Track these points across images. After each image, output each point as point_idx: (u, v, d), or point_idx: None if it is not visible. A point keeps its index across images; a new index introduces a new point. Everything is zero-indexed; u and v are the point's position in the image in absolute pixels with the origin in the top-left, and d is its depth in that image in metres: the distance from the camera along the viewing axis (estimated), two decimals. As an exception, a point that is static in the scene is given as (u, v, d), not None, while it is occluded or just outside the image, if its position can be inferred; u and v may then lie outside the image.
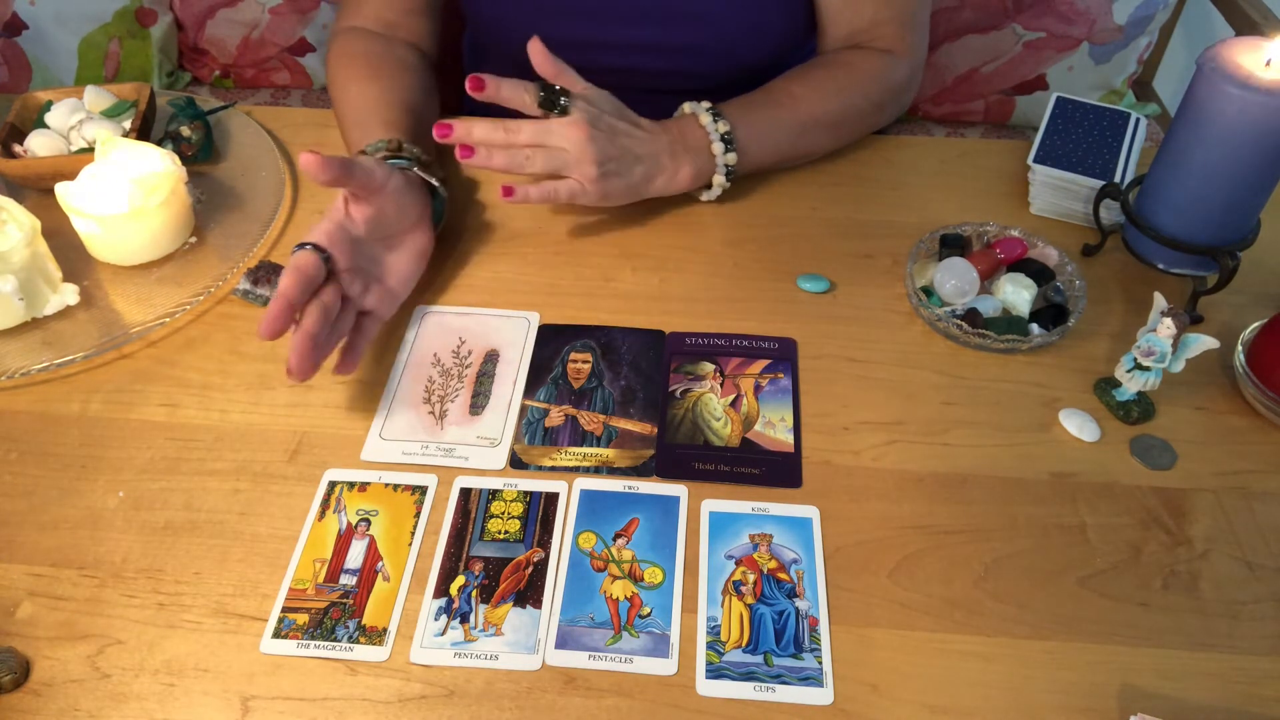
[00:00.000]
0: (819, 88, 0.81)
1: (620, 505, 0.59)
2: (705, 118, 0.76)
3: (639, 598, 0.55)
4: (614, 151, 0.72)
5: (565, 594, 0.55)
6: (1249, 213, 0.71)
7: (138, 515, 0.59)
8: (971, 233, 0.76)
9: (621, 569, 0.56)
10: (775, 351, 0.69)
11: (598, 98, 0.74)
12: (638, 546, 0.57)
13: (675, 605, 0.55)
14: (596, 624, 0.54)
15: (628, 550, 0.57)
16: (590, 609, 0.55)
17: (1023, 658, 0.53)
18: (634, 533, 0.58)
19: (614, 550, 0.57)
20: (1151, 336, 0.63)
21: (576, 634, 0.53)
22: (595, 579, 0.56)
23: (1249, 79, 0.64)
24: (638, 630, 0.53)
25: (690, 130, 0.76)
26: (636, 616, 0.54)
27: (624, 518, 0.59)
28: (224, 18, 1.51)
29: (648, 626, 0.54)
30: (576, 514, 0.59)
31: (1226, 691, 0.52)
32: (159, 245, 0.75)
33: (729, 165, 0.77)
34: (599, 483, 0.61)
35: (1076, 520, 0.59)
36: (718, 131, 0.75)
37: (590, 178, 0.72)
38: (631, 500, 0.60)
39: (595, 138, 0.71)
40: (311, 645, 0.53)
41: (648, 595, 0.55)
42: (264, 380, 0.68)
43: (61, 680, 0.52)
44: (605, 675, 0.52)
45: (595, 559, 0.57)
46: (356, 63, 0.83)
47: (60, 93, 0.85)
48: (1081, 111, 0.86)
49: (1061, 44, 1.45)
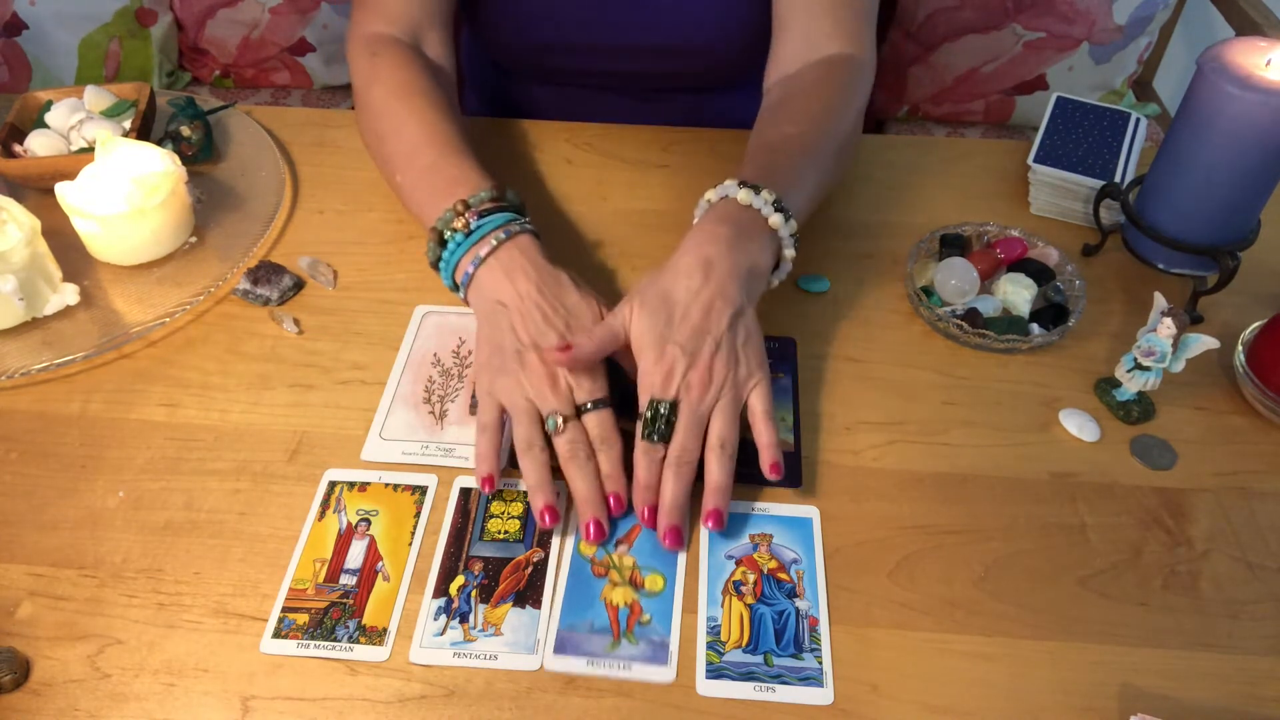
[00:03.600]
0: (813, 120, 0.73)
1: (618, 517, 0.59)
2: (744, 194, 0.64)
3: (639, 605, 0.55)
4: (716, 350, 0.60)
5: (565, 599, 0.55)
6: (1249, 213, 0.71)
7: (138, 515, 0.59)
8: (971, 233, 0.76)
9: (622, 575, 0.56)
10: (775, 351, 0.69)
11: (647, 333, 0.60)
12: (639, 553, 0.57)
13: (675, 613, 0.54)
14: (595, 630, 0.54)
15: (629, 557, 0.57)
16: (590, 615, 0.54)
17: (1023, 658, 0.53)
18: (635, 539, 0.58)
19: (615, 557, 0.57)
20: (1151, 336, 0.63)
21: (575, 640, 0.53)
22: (595, 585, 0.56)
23: (1249, 79, 0.64)
24: (637, 637, 0.53)
25: (733, 218, 0.64)
26: (636, 623, 0.54)
27: (626, 524, 0.59)
28: (224, 18, 1.51)
29: (647, 633, 0.53)
30: (578, 519, 0.58)
31: (1226, 691, 0.52)
32: (159, 245, 0.75)
33: (795, 236, 0.65)
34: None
35: (1076, 520, 0.59)
36: (769, 203, 0.64)
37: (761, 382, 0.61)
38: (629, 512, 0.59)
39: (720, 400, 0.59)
40: (311, 645, 0.53)
41: (648, 602, 0.55)
42: (264, 380, 0.68)
43: (61, 680, 0.52)
44: (604, 681, 0.52)
45: (596, 565, 0.56)
46: (409, 88, 0.75)
47: (60, 93, 0.85)
48: (1081, 111, 0.86)
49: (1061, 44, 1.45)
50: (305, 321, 0.72)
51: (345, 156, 0.87)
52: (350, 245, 0.78)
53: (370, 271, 0.76)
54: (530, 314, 0.62)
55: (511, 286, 0.63)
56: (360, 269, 0.76)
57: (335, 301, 0.74)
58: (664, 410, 0.58)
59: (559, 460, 0.58)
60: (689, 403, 0.58)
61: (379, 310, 0.73)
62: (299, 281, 0.75)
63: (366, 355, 0.69)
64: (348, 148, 0.88)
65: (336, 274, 0.76)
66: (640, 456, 0.58)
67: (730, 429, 0.58)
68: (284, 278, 0.74)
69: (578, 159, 0.87)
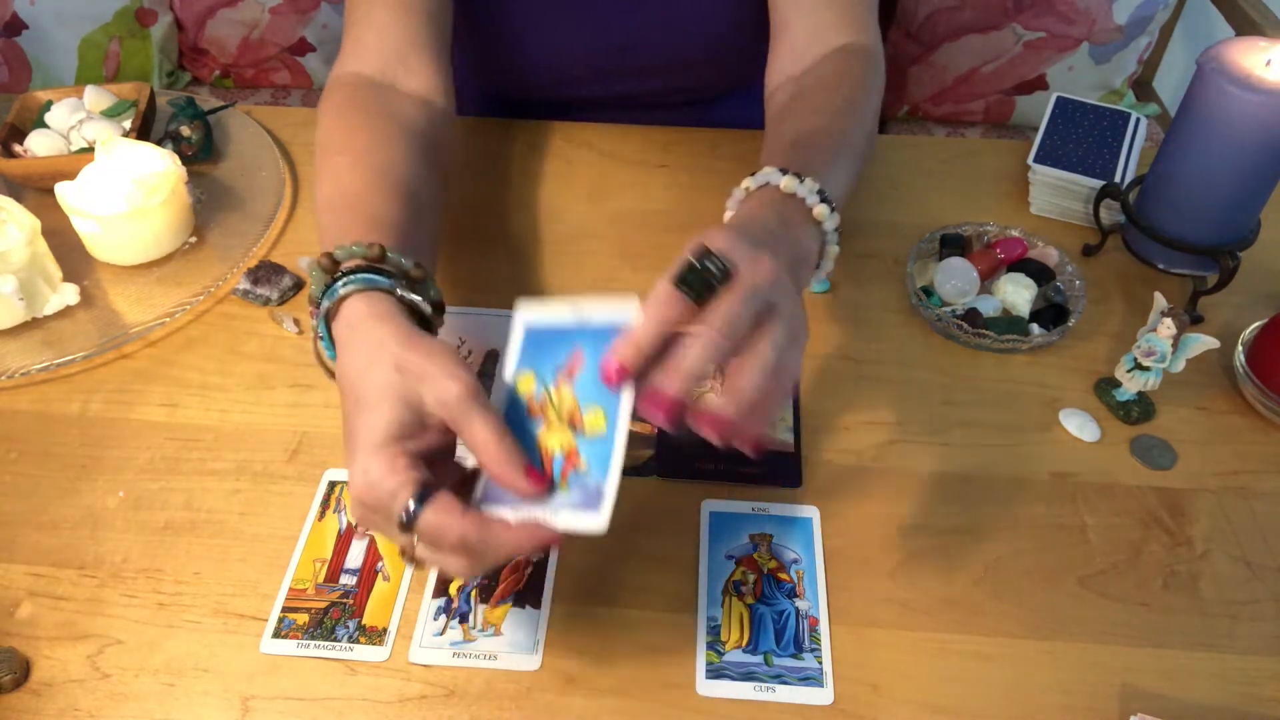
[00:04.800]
0: (838, 112, 0.66)
1: (564, 338, 0.49)
2: (788, 182, 0.54)
3: (576, 452, 0.47)
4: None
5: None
6: (1249, 213, 0.71)
7: (138, 515, 0.59)
8: (971, 233, 0.76)
9: (560, 415, 0.48)
10: (775, 351, 0.69)
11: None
12: (581, 387, 0.48)
13: (615, 458, 0.46)
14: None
15: (569, 392, 0.48)
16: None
17: (1023, 658, 0.53)
18: (579, 371, 0.48)
19: (554, 393, 0.48)
20: (1151, 336, 0.63)
21: (502, 490, 0.47)
22: (532, 429, 0.48)
23: (1249, 79, 0.64)
24: (570, 485, 0.46)
25: (775, 206, 0.54)
26: (572, 471, 0.46)
27: (568, 350, 0.49)
28: (224, 18, 1.51)
29: (581, 480, 0.46)
30: (519, 353, 0.50)
31: (1226, 691, 0.52)
32: (159, 245, 0.75)
33: (837, 229, 0.56)
34: (544, 315, 0.50)
35: (1076, 520, 0.59)
36: (814, 192, 0.55)
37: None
38: (577, 334, 0.49)
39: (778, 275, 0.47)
40: (311, 645, 0.53)
41: (587, 448, 0.47)
42: (264, 380, 0.68)
43: (61, 680, 0.52)
44: (603, 680, 0.52)
45: (532, 404, 0.49)
46: (347, 124, 0.66)
47: (60, 92, 0.85)
48: (1081, 111, 0.86)
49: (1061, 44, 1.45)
50: (305, 321, 0.72)
51: (345, 156, 0.87)
52: (350, 245, 0.78)
53: (370, 271, 0.76)
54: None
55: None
56: (360, 269, 0.76)
57: (335, 301, 0.73)
58: (715, 266, 0.45)
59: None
60: (758, 278, 0.46)
61: (379, 310, 0.73)
62: (299, 281, 0.75)
63: (366, 355, 0.69)
64: (348, 148, 0.88)
65: (336, 274, 0.76)
66: (651, 302, 0.46)
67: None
68: (284, 278, 0.74)
69: (578, 159, 0.87)
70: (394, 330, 0.49)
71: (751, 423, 0.46)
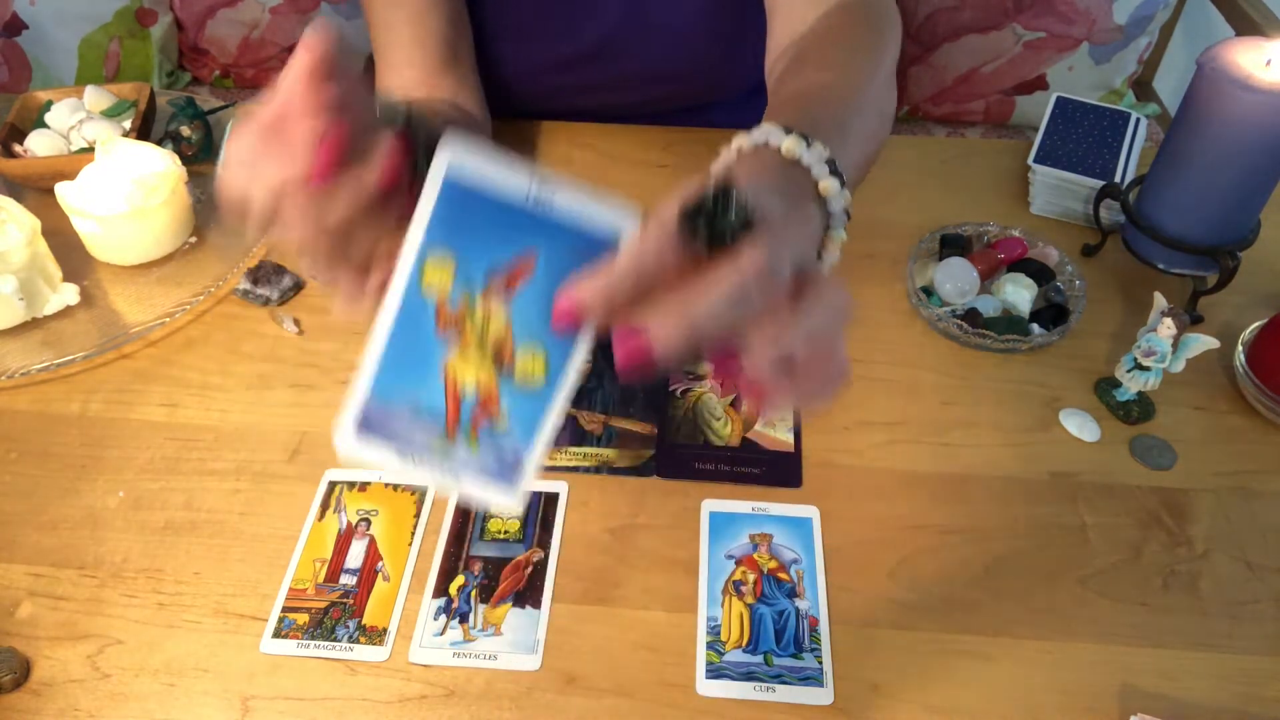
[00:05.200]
0: (844, 66, 0.56)
1: (512, 221, 0.34)
2: (791, 143, 0.41)
3: (496, 394, 0.35)
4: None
5: (385, 355, 0.36)
6: (1249, 213, 0.71)
7: (138, 515, 0.59)
8: (971, 233, 0.76)
9: (482, 339, 0.35)
10: (775, 351, 0.69)
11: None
12: (522, 309, 0.35)
13: (547, 425, 0.36)
14: (421, 413, 0.36)
15: (501, 311, 0.35)
16: (418, 388, 0.36)
17: (1023, 658, 0.53)
18: (521, 285, 0.35)
19: (478, 303, 0.35)
20: (1151, 336, 0.63)
21: (388, 419, 0.36)
22: (435, 347, 0.36)
23: (1249, 79, 0.64)
24: (479, 442, 0.36)
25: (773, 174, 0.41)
26: (485, 421, 0.36)
27: (514, 246, 0.34)
28: (224, 18, 1.51)
29: (496, 441, 0.36)
30: (432, 213, 0.35)
31: (1226, 691, 0.52)
32: (159, 245, 0.75)
33: (847, 210, 0.43)
34: (486, 170, 0.34)
35: (1076, 520, 0.59)
36: (821, 161, 0.42)
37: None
38: (533, 222, 0.34)
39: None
40: (311, 645, 0.53)
41: (511, 396, 0.35)
42: (264, 380, 0.68)
43: (61, 680, 0.52)
44: (603, 679, 0.52)
45: (445, 311, 0.35)
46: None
47: (60, 93, 0.85)
48: (1081, 111, 0.86)
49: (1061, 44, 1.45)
50: (305, 321, 0.72)
51: (345, 156, 0.87)
52: (350, 245, 0.78)
53: (370, 271, 0.76)
54: None
55: None
56: (360, 269, 0.76)
57: (335, 301, 0.74)
58: (737, 210, 0.33)
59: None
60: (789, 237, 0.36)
61: (379, 310, 0.73)
62: (299, 281, 0.75)
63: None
64: (348, 148, 0.88)
65: (336, 274, 0.76)
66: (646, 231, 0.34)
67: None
68: (284, 278, 0.74)
69: (578, 159, 0.87)
70: None
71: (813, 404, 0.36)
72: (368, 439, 0.37)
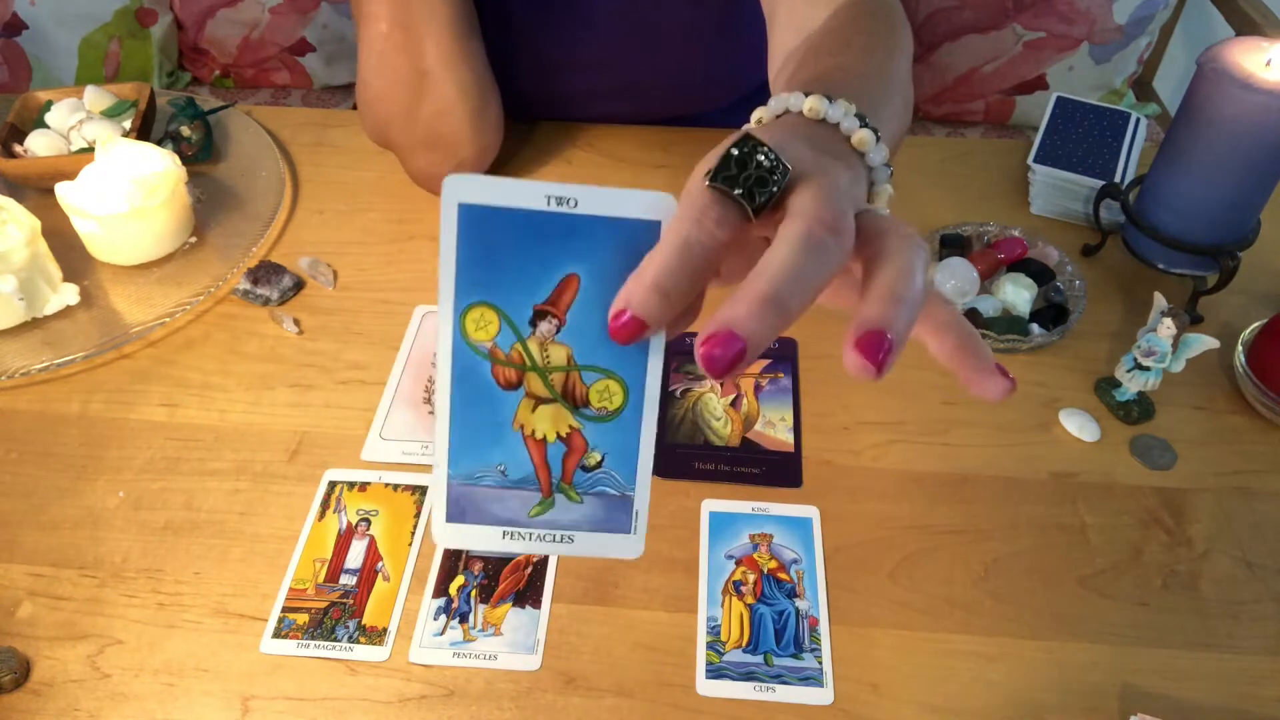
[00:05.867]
0: (860, 49, 0.53)
1: (539, 248, 0.31)
2: (813, 103, 0.38)
3: (580, 435, 0.33)
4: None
5: (454, 431, 0.33)
6: (1249, 213, 0.71)
7: (138, 515, 0.59)
8: (971, 233, 0.76)
9: (547, 384, 0.33)
10: (775, 351, 0.69)
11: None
12: (579, 338, 0.32)
13: (642, 449, 0.33)
14: (511, 482, 0.33)
15: (558, 347, 0.32)
16: (497, 455, 0.33)
17: (1023, 658, 0.53)
18: (572, 306, 0.32)
19: (534, 345, 0.32)
20: (1151, 336, 0.63)
21: (477, 499, 0.33)
22: (501, 404, 0.33)
23: (1249, 79, 0.64)
24: (581, 491, 0.34)
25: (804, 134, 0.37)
26: (579, 468, 0.33)
27: (552, 272, 0.32)
28: (224, 18, 1.51)
29: (599, 484, 0.33)
30: (456, 265, 0.32)
31: (1226, 691, 0.52)
32: (159, 245, 0.75)
33: (886, 163, 0.39)
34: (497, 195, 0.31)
35: (1076, 520, 0.59)
36: (849, 114, 0.38)
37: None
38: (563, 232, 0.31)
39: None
40: (311, 645, 0.53)
41: (598, 431, 0.33)
42: (264, 380, 0.68)
43: (61, 680, 0.52)
44: (602, 678, 0.52)
45: (499, 362, 0.32)
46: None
47: (60, 93, 0.85)
48: (1081, 111, 0.86)
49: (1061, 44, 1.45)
50: (305, 321, 0.72)
51: (345, 156, 0.87)
52: (350, 245, 0.78)
53: (370, 271, 0.76)
54: None
55: None
56: (360, 269, 0.76)
57: (335, 301, 0.74)
58: (769, 159, 0.31)
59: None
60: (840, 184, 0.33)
61: (379, 310, 0.73)
62: (299, 281, 0.75)
63: (366, 355, 0.69)
64: (348, 148, 0.88)
65: (336, 274, 0.76)
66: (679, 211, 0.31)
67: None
68: (284, 278, 0.74)
69: (578, 159, 0.87)
70: None
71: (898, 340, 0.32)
72: (463, 526, 0.34)
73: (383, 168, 0.85)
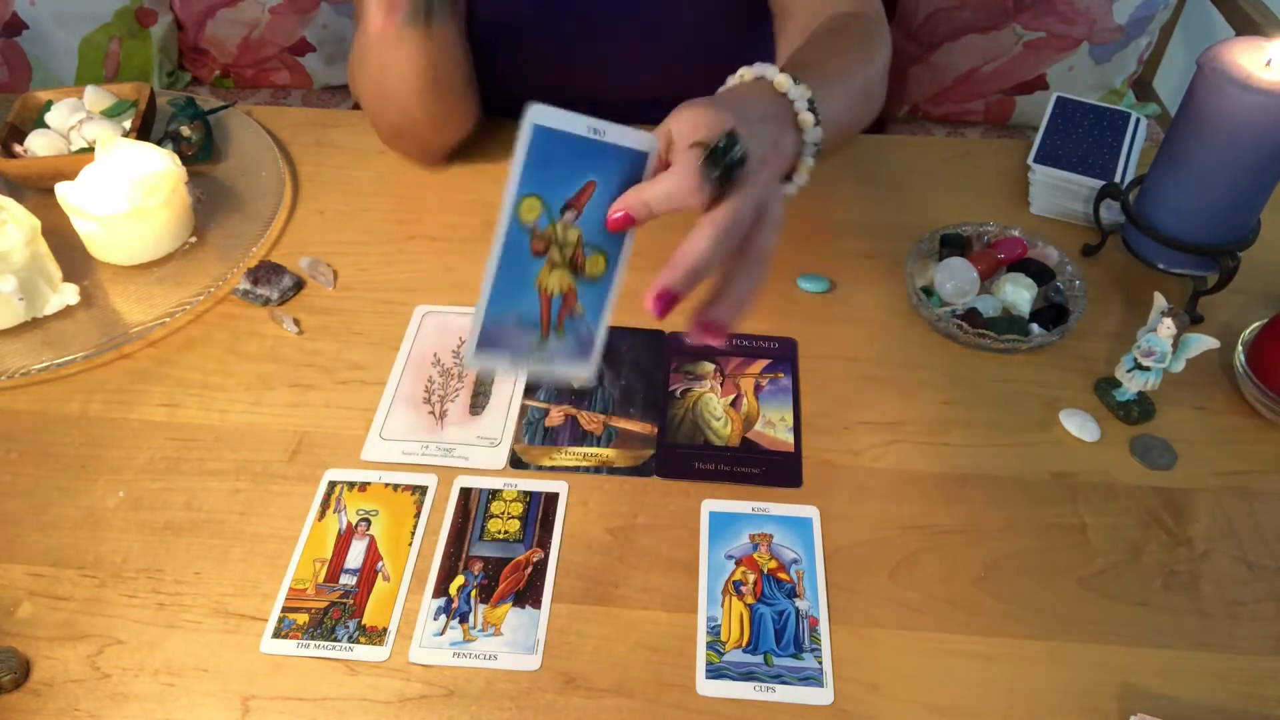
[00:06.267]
0: (840, 51, 0.67)
1: (576, 162, 0.46)
2: (783, 80, 0.55)
3: (574, 293, 0.47)
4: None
5: (496, 284, 0.46)
6: (1249, 213, 0.71)
7: (138, 515, 0.59)
8: (971, 233, 0.76)
9: (563, 255, 0.47)
10: (775, 351, 0.69)
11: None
12: (587, 224, 0.47)
13: (607, 306, 0.48)
14: (524, 324, 0.47)
15: (574, 230, 0.47)
16: (520, 305, 0.46)
17: (1023, 658, 0.53)
18: (587, 204, 0.47)
19: (559, 228, 0.46)
20: (1151, 336, 0.63)
21: (502, 334, 0.46)
22: (532, 267, 0.46)
23: (1249, 79, 0.64)
24: (565, 332, 0.47)
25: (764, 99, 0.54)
26: (567, 316, 0.47)
27: (578, 179, 0.46)
28: (224, 18, 1.51)
29: (575, 327, 0.47)
30: (523, 166, 0.45)
31: (1226, 691, 0.52)
32: (159, 245, 0.75)
33: (817, 144, 0.56)
34: (558, 120, 0.45)
35: (1076, 520, 0.59)
36: (804, 99, 0.55)
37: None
38: (593, 152, 0.46)
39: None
40: (311, 645, 0.53)
41: (584, 290, 0.47)
42: (264, 380, 0.68)
43: (61, 680, 0.52)
44: (603, 680, 0.52)
45: (536, 239, 0.46)
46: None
47: (60, 93, 0.85)
48: (1081, 111, 0.86)
49: (1061, 44, 1.45)
50: (305, 321, 0.72)
51: (345, 156, 0.87)
52: (350, 245, 0.78)
53: (370, 271, 0.76)
54: None
55: None
56: (360, 269, 0.76)
57: (335, 301, 0.74)
58: (740, 156, 0.46)
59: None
60: (761, 178, 0.48)
61: (379, 310, 0.73)
62: (299, 281, 0.75)
63: (366, 355, 0.69)
64: (348, 148, 0.88)
65: (336, 274, 0.76)
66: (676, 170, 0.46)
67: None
68: (284, 278, 0.74)
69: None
70: None
71: (735, 319, 0.48)
72: (486, 354, 0.46)
73: (383, 168, 0.85)
